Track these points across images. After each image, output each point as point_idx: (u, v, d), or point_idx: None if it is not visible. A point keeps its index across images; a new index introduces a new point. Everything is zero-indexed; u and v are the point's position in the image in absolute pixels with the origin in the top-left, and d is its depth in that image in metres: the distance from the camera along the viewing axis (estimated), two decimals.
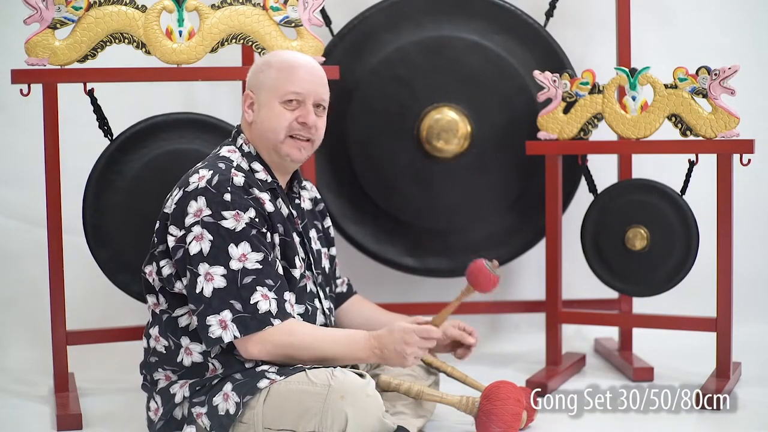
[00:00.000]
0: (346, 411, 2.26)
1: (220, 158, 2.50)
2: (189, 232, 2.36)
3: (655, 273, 3.22)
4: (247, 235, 2.36)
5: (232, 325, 2.32)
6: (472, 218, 3.59)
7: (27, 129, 3.56)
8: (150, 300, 2.51)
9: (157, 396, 2.48)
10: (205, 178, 2.40)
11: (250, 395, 2.33)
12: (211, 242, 2.34)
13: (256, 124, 2.53)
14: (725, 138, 3.05)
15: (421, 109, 3.51)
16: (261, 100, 2.53)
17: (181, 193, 2.41)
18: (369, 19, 3.51)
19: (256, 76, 2.55)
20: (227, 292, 2.33)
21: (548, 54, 3.51)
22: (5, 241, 3.65)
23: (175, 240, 2.38)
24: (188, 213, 2.38)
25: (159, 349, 2.48)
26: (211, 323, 2.33)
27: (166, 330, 2.46)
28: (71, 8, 2.94)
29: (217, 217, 2.35)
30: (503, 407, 2.56)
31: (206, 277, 2.33)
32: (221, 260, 2.33)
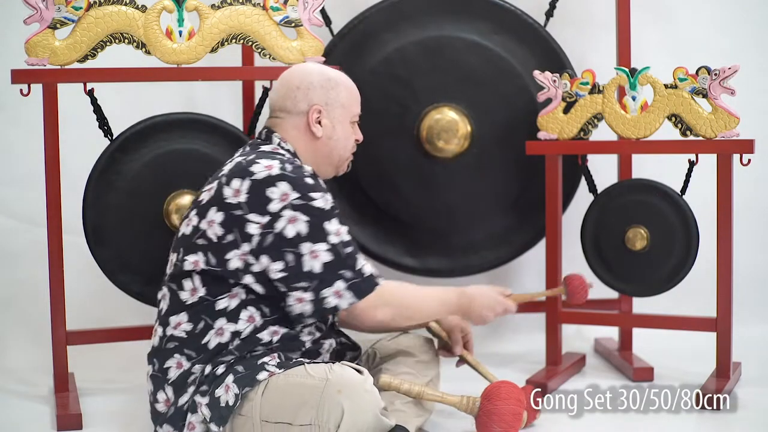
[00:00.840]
0: (342, 405, 2.27)
1: (270, 152, 2.53)
2: (278, 216, 2.39)
3: (655, 273, 3.22)
4: (335, 213, 2.46)
5: (347, 292, 2.42)
6: (472, 218, 3.59)
7: (27, 129, 3.56)
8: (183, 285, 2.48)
9: (168, 387, 2.47)
10: (276, 167, 2.44)
11: (249, 387, 2.35)
12: (308, 222, 2.40)
13: (327, 139, 2.63)
14: (725, 138, 3.05)
15: (421, 109, 3.51)
16: (335, 117, 2.64)
17: (249, 182, 2.42)
18: (369, 19, 3.51)
19: (326, 92, 2.62)
20: (336, 263, 2.41)
21: (548, 54, 3.52)
22: (5, 241, 3.65)
23: (260, 227, 2.40)
24: (271, 199, 2.40)
25: (178, 335, 2.47)
26: (326, 295, 2.41)
27: (199, 313, 2.46)
28: (71, 8, 2.94)
29: (307, 198, 2.42)
30: (504, 407, 2.56)
31: (311, 255, 2.40)
32: (321, 237, 2.41)
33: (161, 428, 2.48)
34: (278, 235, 2.39)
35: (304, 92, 2.61)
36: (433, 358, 2.82)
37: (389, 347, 2.79)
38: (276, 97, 2.65)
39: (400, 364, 2.72)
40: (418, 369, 2.74)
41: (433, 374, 2.80)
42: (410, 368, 2.72)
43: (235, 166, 2.49)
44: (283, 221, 2.39)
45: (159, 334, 2.52)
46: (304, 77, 2.63)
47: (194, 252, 2.47)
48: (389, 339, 2.81)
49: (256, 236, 2.40)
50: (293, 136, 2.61)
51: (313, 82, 2.62)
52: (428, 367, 2.78)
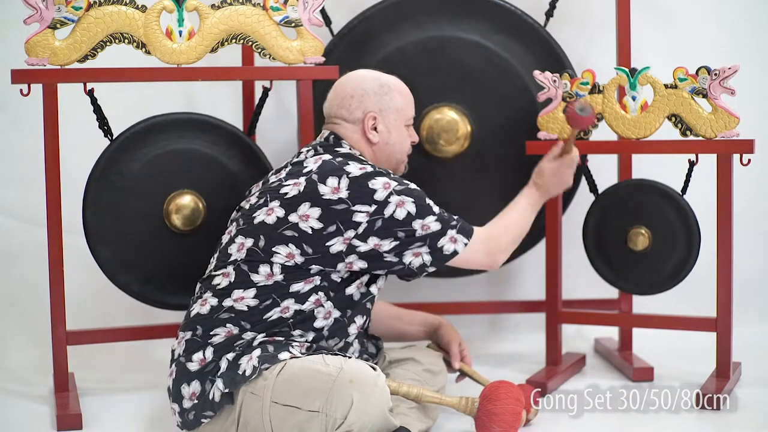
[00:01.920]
0: (352, 396, 2.28)
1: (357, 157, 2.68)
2: (386, 203, 2.55)
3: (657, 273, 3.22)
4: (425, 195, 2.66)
5: (459, 235, 2.63)
6: (472, 218, 3.58)
7: (27, 129, 3.56)
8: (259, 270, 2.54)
9: (209, 348, 2.50)
10: (369, 167, 2.61)
11: (269, 364, 2.38)
12: (414, 202, 2.58)
13: (384, 144, 2.74)
14: (725, 138, 3.05)
15: (422, 109, 3.51)
16: (390, 122, 2.74)
17: (347, 180, 2.55)
18: (369, 19, 3.51)
19: (380, 98, 2.72)
20: (443, 227, 2.62)
21: (548, 54, 3.51)
22: (5, 241, 3.65)
23: (368, 215, 2.54)
24: (375, 190, 2.55)
25: (239, 308, 2.52)
26: (443, 243, 2.61)
27: (269, 292, 2.52)
28: (71, 8, 2.94)
29: (405, 185, 2.61)
30: (503, 407, 2.56)
31: (423, 228, 2.58)
32: (427, 211, 2.60)
33: (188, 386, 2.48)
34: (389, 219, 2.55)
35: (359, 100, 2.72)
36: (441, 369, 2.85)
37: (400, 354, 2.82)
38: (330, 106, 2.76)
39: (409, 371, 2.75)
40: (425, 377, 2.75)
41: (441, 384, 2.81)
42: (418, 376, 2.74)
43: (323, 164, 2.59)
44: (391, 206, 2.55)
45: (211, 304, 2.55)
46: (358, 85, 2.74)
47: (284, 243, 2.53)
48: (401, 347, 2.85)
49: (364, 223, 2.53)
50: (354, 141, 2.72)
51: (367, 90, 2.73)
52: (435, 377, 2.80)
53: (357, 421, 2.28)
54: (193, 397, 2.47)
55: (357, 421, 2.28)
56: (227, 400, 2.41)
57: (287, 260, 2.52)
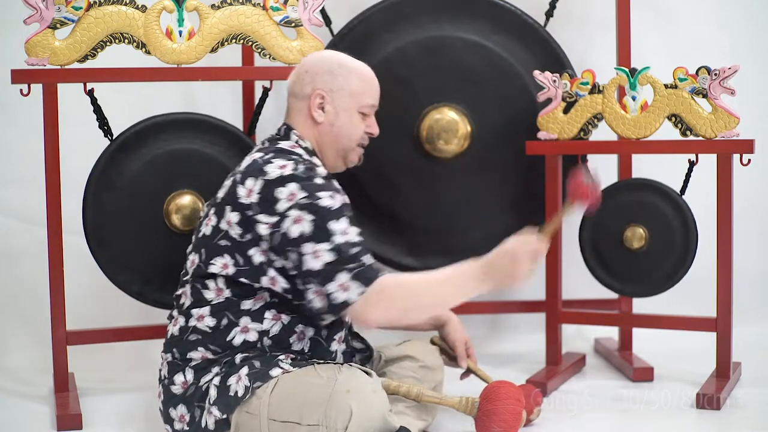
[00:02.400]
0: (351, 405, 2.26)
1: (287, 152, 2.52)
2: (285, 217, 2.37)
3: (653, 273, 3.22)
4: (345, 213, 2.41)
5: (353, 282, 2.33)
6: (472, 218, 3.59)
7: (27, 129, 3.56)
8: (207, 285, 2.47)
9: (189, 370, 2.46)
10: (288, 167, 2.42)
11: (261, 382, 2.35)
12: (313, 221, 2.36)
13: (329, 126, 2.59)
14: (725, 138, 3.05)
15: (421, 109, 3.51)
16: (339, 104, 2.59)
17: (262, 182, 2.41)
18: (369, 19, 3.51)
19: (333, 77, 2.58)
20: (338, 262, 2.34)
21: (548, 54, 3.52)
22: (5, 241, 3.65)
23: (269, 227, 2.39)
24: (279, 199, 2.39)
25: (202, 328, 2.46)
26: (332, 290, 2.34)
27: (222, 310, 2.45)
28: (71, 8, 2.94)
29: (314, 198, 2.38)
30: (503, 407, 2.56)
31: (314, 254, 2.35)
32: (325, 237, 2.36)
33: (174, 410, 2.47)
34: (284, 235, 2.38)
35: (311, 76, 2.59)
36: (438, 364, 2.82)
37: (395, 351, 2.78)
38: (289, 81, 2.65)
39: (405, 369, 2.72)
40: (422, 374, 2.74)
41: (438, 380, 2.79)
42: (414, 373, 2.72)
43: (251, 164, 2.48)
44: (288, 221, 2.37)
45: (180, 324, 2.50)
46: (316, 62, 2.62)
47: (220, 254, 2.45)
48: (396, 344, 2.81)
49: (266, 236, 2.40)
50: (299, 122, 2.60)
51: (323, 68, 2.60)
52: (433, 372, 2.78)
53: (358, 429, 2.27)
54: (183, 420, 2.45)
55: (358, 429, 2.27)
56: (223, 426, 2.38)
57: (222, 270, 2.44)
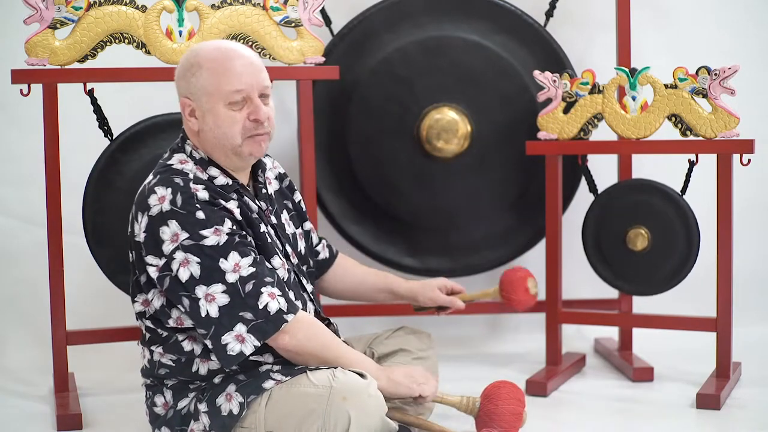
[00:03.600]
0: (348, 412, 2.24)
1: (173, 171, 2.37)
2: (171, 259, 2.27)
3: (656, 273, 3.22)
4: (233, 245, 2.29)
5: (249, 335, 2.28)
6: (472, 218, 3.59)
7: (27, 129, 3.56)
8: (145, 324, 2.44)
9: (168, 391, 2.44)
10: (167, 199, 2.30)
11: (254, 395, 2.31)
12: (200, 263, 2.27)
13: (205, 132, 2.40)
14: (725, 138, 3.05)
15: (421, 109, 3.51)
16: (203, 106, 2.39)
17: (146, 219, 2.31)
18: (369, 19, 3.51)
19: (187, 81, 2.40)
20: (234, 305, 2.27)
21: (548, 54, 3.52)
22: (5, 241, 3.65)
23: (158, 269, 2.30)
24: (163, 240, 2.28)
25: (166, 362, 2.42)
26: (228, 341, 2.27)
27: (172, 351, 2.41)
28: (71, 8, 2.94)
29: (197, 237, 2.27)
30: (505, 407, 2.55)
31: (207, 298, 2.27)
32: (216, 277, 2.27)
33: (159, 431, 2.46)
34: (174, 279, 2.28)
35: (177, 86, 2.45)
36: (430, 353, 2.81)
37: (387, 345, 2.76)
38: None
39: (399, 363, 2.70)
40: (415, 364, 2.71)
41: (433, 369, 2.77)
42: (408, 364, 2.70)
43: (141, 191, 2.37)
44: (175, 264, 2.27)
45: (147, 357, 2.47)
46: (177, 69, 2.45)
47: (139, 291, 2.40)
48: (386, 337, 2.80)
49: (158, 279, 2.31)
50: (188, 132, 2.45)
51: (179, 74, 2.42)
52: (426, 362, 2.75)
53: None
54: None
55: None
56: None
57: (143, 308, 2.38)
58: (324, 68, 3.14)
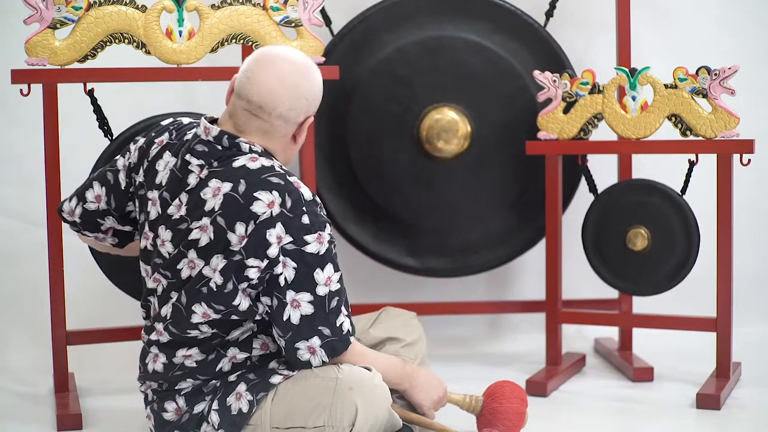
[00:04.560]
0: (356, 402, 2.26)
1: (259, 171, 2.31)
2: (276, 261, 2.27)
3: (656, 273, 3.22)
4: (330, 256, 2.30)
5: (321, 350, 2.30)
6: (472, 218, 3.59)
7: (27, 129, 3.56)
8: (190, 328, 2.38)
9: (180, 398, 2.42)
10: (276, 203, 2.28)
11: (264, 392, 2.33)
12: (296, 269, 2.27)
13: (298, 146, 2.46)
14: (725, 138, 3.05)
15: (421, 109, 3.51)
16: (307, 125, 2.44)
17: (254, 226, 2.27)
18: (369, 19, 3.51)
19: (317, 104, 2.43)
20: (315, 318, 2.29)
21: (548, 54, 3.52)
22: (5, 241, 3.65)
23: (259, 270, 2.28)
24: (270, 243, 2.27)
25: (189, 365, 2.39)
26: (300, 348, 2.30)
27: (211, 344, 2.38)
28: (71, 8, 2.94)
29: (300, 243, 2.27)
30: (509, 406, 2.55)
31: (293, 304, 2.28)
32: (307, 286, 2.28)
33: None
34: (272, 278, 2.29)
35: (309, 103, 2.40)
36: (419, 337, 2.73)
37: (373, 336, 2.67)
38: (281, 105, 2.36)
39: (388, 352, 2.62)
40: (405, 352, 2.65)
41: (421, 353, 2.71)
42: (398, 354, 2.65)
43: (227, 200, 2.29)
44: (278, 266, 2.28)
45: (162, 361, 2.41)
46: (314, 89, 2.41)
47: (199, 302, 2.34)
48: (370, 326, 2.70)
49: (255, 279, 2.29)
50: (279, 144, 2.41)
51: (314, 93, 2.42)
52: (414, 346, 2.69)
53: (365, 423, 2.26)
54: None
55: (365, 424, 2.27)
56: None
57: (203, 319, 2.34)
58: (324, 68, 3.12)
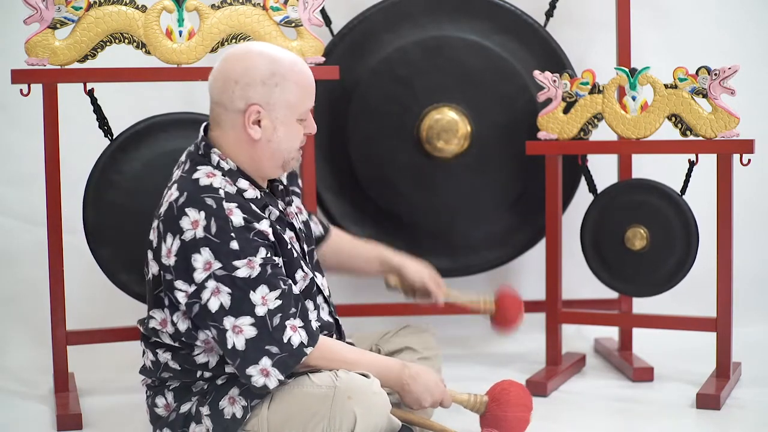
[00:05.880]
0: (354, 411, 2.24)
1: (203, 190, 2.29)
2: (203, 288, 2.25)
3: (654, 273, 3.22)
4: (264, 278, 2.27)
5: (274, 369, 2.26)
6: (472, 218, 3.59)
7: (27, 129, 3.56)
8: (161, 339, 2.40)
9: (169, 393, 2.43)
10: (200, 225, 2.25)
11: (258, 399, 2.31)
12: (230, 295, 2.25)
13: (270, 142, 2.36)
14: (725, 138, 3.05)
15: (421, 109, 3.51)
16: (278, 117, 2.35)
17: (179, 243, 2.26)
18: (369, 19, 3.51)
19: (268, 89, 2.33)
20: (260, 339, 2.26)
21: (548, 54, 3.52)
22: (5, 241, 3.65)
23: (187, 296, 2.27)
24: (195, 268, 2.25)
25: (172, 366, 2.41)
26: (252, 374, 2.26)
27: (182, 360, 2.39)
28: (71, 8, 2.94)
29: (230, 268, 2.24)
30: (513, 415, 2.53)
31: (234, 330, 2.25)
32: (245, 310, 2.25)
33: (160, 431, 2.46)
34: (203, 307, 2.26)
35: (242, 88, 2.32)
36: (436, 354, 2.79)
37: (393, 343, 2.73)
38: (212, 87, 2.38)
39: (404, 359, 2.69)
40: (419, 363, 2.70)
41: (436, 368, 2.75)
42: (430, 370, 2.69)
43: (168, 209, 2.29)
44: (207, 292, 2.25)
45: (151, 359, 2.44)
46: (246, 70, 2.33)
47: (157, 307, 2.36)
48: (392, 335, 2.77)
49: (183, 305, 2.29)
50: (231, 138, 2.36)
51: (255, 78, 2.32)
52: (431, 362, 2.73)
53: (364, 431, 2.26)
54: None
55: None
56: None
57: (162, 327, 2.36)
58: (324, 68, 3.14)
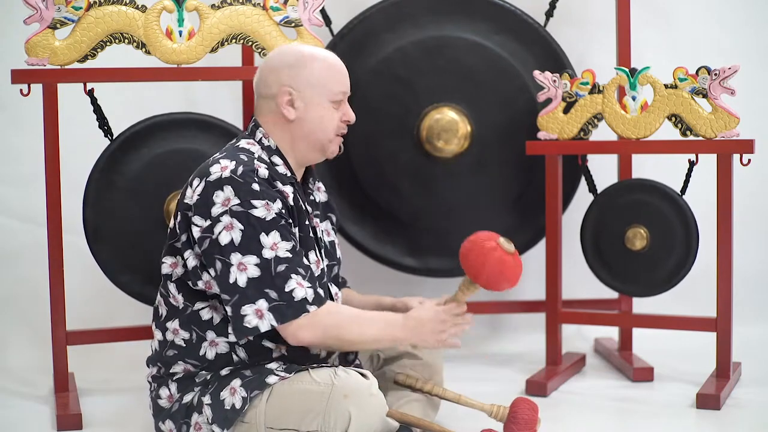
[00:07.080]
0: (349, 410, 2.26)
1: (240, 149, 2.46)
2: (217, 222, 2.33)
3: (654, 273, 3.22)
4: (277, 225, 2.34)
5: (269, 314, 2.30)
6: (472, 218, 3.59)
7: (27, 129, 3.56)
8: (168, 291, 2.47)
9: (173, 383, 2.46)
10: (229, 168, 2.36)
11: (258, 390, 2.33)
12: (242, 231, 2.32)
13: (303, 122, 2.50)
14: (725, 138, 3.05)
15: (421, 109, 3.51)
16: (308, 97, 2.49)
17: (204, 184, 2.37)
18: (369, 19, 3.51)
19: (296, 71, 2.49)
20: (261, 281, 2.31)
21: (548, 54, 3.52)
22: (5, 241, 3.65)
23: (201, 230, 2.35)
24: (215, 203, 2.34)
25: (178, 342, 2.45)
26: (247, 313, 2.30)
27: (189, 323, 2.44)
28: (71, 8, 2.94)
29: (247, 206, 2.33)
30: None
31: (239, 266, 2.31)
32: (253, 249, 2.31)
33: (164, 424, 2.47)
34: (214, 241, 2.33)
35: (276, 74, 2.51)
36: (438, 360, 2.79)
37: (393, 348, 2.75)
38: (255, 81, 2.58)
39: (405, 367, 2.71)
40: (421, 371, 2.72)
41: (438, 377, 2.78)
42: (414, 370, 2.71)
43: (204, 163, 2.45)
44: (220, 226, 2.33)
45: (159, 338, 2.51)
46: (278, 58, 2.54)
47: (171, 254, 2.46)
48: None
49: (199, 239, 2.36)
50: (270, 122, 2.52)
51: (284, 62, 2.51)
52: (432, 369, 2.75)
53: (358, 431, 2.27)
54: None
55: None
56: None
57: (171, 270, 2.44)
58: None
